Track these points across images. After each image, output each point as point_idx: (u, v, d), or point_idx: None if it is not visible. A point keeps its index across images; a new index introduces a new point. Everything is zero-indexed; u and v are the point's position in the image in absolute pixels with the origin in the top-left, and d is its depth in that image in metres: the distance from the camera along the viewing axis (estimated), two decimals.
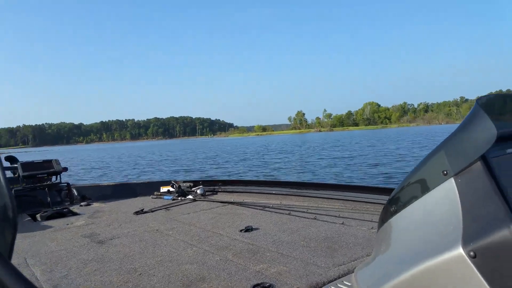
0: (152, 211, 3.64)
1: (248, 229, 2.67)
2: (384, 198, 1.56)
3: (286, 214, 3.13)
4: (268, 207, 3.43)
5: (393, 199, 1.50)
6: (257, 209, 3.42)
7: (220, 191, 4.56)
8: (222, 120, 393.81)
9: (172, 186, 4.67)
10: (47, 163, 4.49)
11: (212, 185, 4.73)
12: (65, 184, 4.59)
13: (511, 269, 1.02)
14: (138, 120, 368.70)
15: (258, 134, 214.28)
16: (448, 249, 1.13)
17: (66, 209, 4.03)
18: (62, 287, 1.85)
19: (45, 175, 4.43)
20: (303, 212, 3.12)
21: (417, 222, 1.35)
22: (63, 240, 2.75)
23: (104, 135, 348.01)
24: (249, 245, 2.31)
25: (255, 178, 4.04)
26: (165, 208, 3.79)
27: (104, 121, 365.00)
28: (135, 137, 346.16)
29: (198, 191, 4.43)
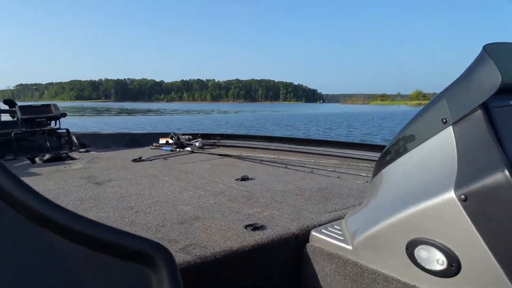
0: (150, 160, 3.68)
1: (244, 179, 2.70)
2: None
3: (282, 167, 3.15)
4: (266, 160, 3.46)
5: (389, 149, 1.50)
6: (254, 162, 3.45)
7: (219, 145, 4.58)
8: (305, 86, 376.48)
9: (171, 138, 4.69)
10: (46, 107, 4.48)
11: (211, 139, 4.74)
12: (65, 130, 4.60)
13: (500, 213, 1.03)
14: (219, 81, 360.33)
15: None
16: (440, 192, 1.14)
17: (65, 154, 4.07)
18: None
19: (44, 119, 4.43)
20: (300, 166, 3.15)
21: (411, 170, 1.35)
22: (60, 181, 2.79)
23: (185, 94, 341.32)
24: (244, 192, 2.34)
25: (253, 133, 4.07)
26: (163, 157, 3.82)
27: (185, 79, 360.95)
28: (215, 98, 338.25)
29: (197, 144, 4.45)
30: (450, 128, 1.22)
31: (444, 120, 1.24)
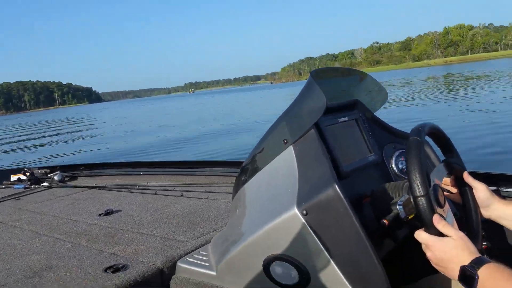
0: None
1: (108, 213, 2.52)
2: None
3: (152, 194, 3.04)
4: (134, 188, 3.30)
5: (244, 169, 1.56)
6: (121, 191, 3.26)
7: (82, 176, 4.22)
8: (76, 85, 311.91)
9: (24, 174, 4.16)
10: None
11: (72, 170, 4.34)
12: None
13: (334, 222, 1.15)
14: None
15: None
16: (286, 209, 1.22)
17: None
18: None
19: None
20: (170, 190, 3.08)
21: (262, 189, 1.43)
22: None
23: None
24: (107, 229, 2.18)
25: (121, 160, 3.83)
26: (14, 198, 3.36)
27: None
28: None
29: (56, 177, 4.03)
30: (291, 148, 1.32)
31: (285, 141, 1.34)
